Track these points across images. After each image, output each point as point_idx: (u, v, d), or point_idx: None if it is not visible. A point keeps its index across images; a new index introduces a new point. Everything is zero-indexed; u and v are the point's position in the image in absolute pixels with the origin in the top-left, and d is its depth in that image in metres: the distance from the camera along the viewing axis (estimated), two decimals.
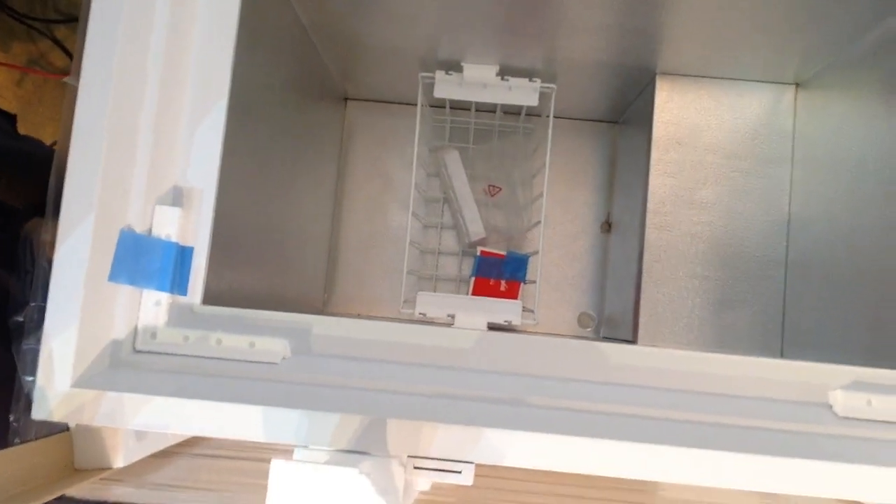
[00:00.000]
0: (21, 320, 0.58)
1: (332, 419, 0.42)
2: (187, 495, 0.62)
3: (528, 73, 0.79)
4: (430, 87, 0.80)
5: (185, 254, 0.47)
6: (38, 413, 0.43)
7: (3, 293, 0.62)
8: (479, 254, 0.90)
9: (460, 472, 0.43)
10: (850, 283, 0.65)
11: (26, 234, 0.64)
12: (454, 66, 0.79)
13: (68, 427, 0.56)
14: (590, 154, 0.96)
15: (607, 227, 0.94)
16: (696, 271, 0.79)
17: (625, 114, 0.93)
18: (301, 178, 0.77)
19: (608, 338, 0.89)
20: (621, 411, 0.44)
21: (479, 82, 0.79)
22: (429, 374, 0.45)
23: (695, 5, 0.63)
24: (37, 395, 0.43)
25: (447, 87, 0.80)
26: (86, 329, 0.43)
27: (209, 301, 0.48)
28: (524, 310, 0.74)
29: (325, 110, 0.88)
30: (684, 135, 0.81)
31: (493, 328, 0.73)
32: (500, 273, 0.89)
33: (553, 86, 0.79)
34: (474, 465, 0.43)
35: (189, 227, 0.48)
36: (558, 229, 0.95)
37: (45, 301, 0.43)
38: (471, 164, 0.92)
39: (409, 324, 0.48)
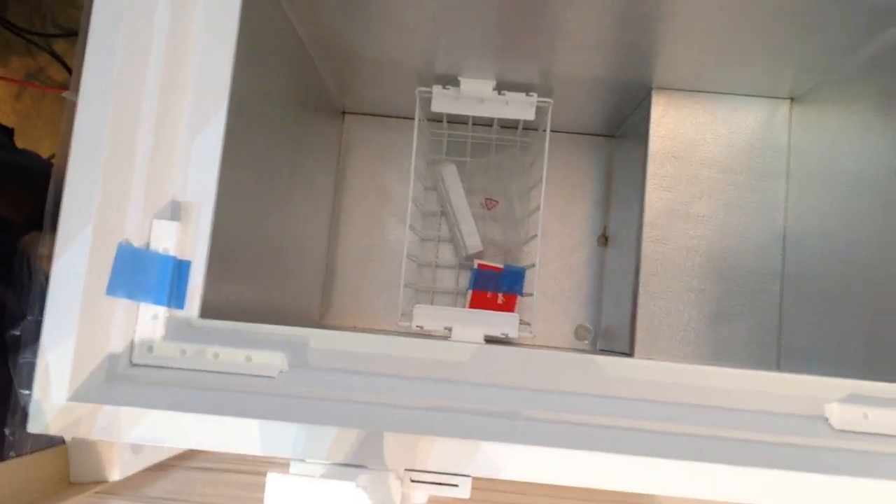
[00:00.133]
0: (18, 334, 0.58)
1: (328, 433, 0.42)
2: None
3: (525, 88, 0.79)
4: (427, 101, 0.81)
5: (182, 267, 0.47)
6: (34, 426, 0.43)
7: (0, 306, 0.62)
8: (476, 267, 0.90)
9: (457, 486, 0.43)
10: (845, 297, 0.65)
11: (23, 248, 0.64)
12: (451, 81, 0.80)
13: (64, 440, 0.56)
14: (586, 168, 0.96)
15: (604, 240, 0.94)
16: (692, 284, 0.79)
17: (621, 128, 0.93)
18: (298, 191, 0.78)
19: (605, 350, 0.89)
20: (618, 424, 0.44)
21: (476, 97, 0.80)
22: (426, 388, 0.45)
23: (690, 21, 0.64)
24: (33, 409, 0.43)
25: (444, 102, 0.80)
26: (82, 342, 0.43)
27: (206, 315, 0.48)
28: (521, 322, 0.74)
29: (323, 124, 0.89)
30: (680, 149, 0.81)
31: (491, 341, 0.72)
32: (497, 286, 0.90)
33: (550, 100, 0.80)
34: (471, 479, 0.43)
35: (187, 240, 0.48)
36: (555, 242, 0.95)
37: (41, 314, 0.43)
38: (468, 178, 0.93)
39: (407, 337, 0.48)
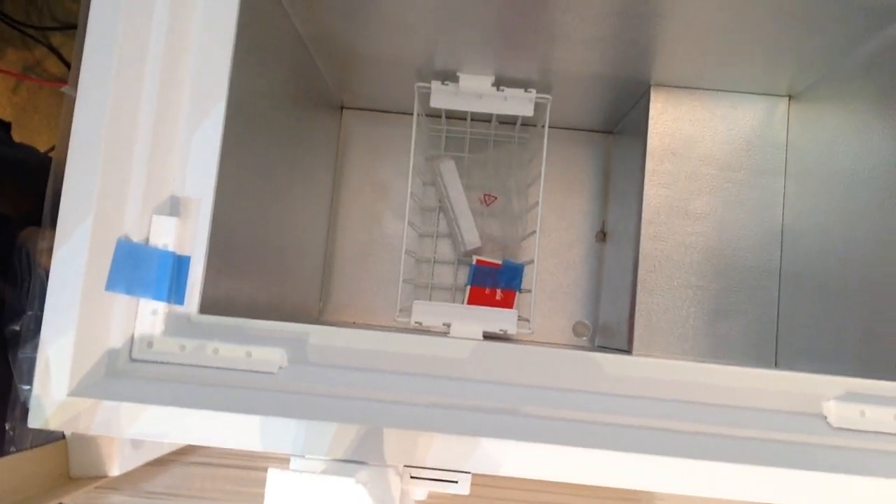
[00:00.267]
0: (17, 329, 0.58)
1: (328, 429, 0.43)
2: (182, 503, 0.62)
3: (524, 84, 0.79)
4: (426, 96, 0.81)
5: (181, 263, 0.47)
6: (34, 422, 0.43)
7: (0, 302, 0.62)
8: (474, 263, 0.90)
9: (457, 482, 0.43)
10: (843, 294, 0.66)
11: (22, 243, 0.64)
12: (450, 77, 0.80)
13: (64, 436, 0.56)
14: (585, 164, 0.96)
15: (602, 236, 0.94)
16: (690, 281, 0.79)
17: (619, 124, 0.94)
18: (297, 186, 0.78)
19: (603, 347, 0.89)
20: (617, 421, 0.44)
21: (474, 92, 0.80)
22: (426, 384, 0.45)
23: (689, 18, 0.64)
24: (33, 404, 0.43)
25: (443, 98, 0.80)
26: (82, 338, 0.44)
27: (206, 310, 0.48)
28: (520, 319, 0.75)
29: (322, 119, 0.89)
30: (678, 146, 0.81)
31: (489, 337, 0.73)
32: (495, 282, 0.90)
33: (548, 96, 0.80)
34: (471, 475, 0.43)
35: (186, 236, 0.48)
36: (553, 238, 0.95)
37: (41, 310, 0.43)
38: (466, 174, 0.93)
39: (406, 333, 0.48)
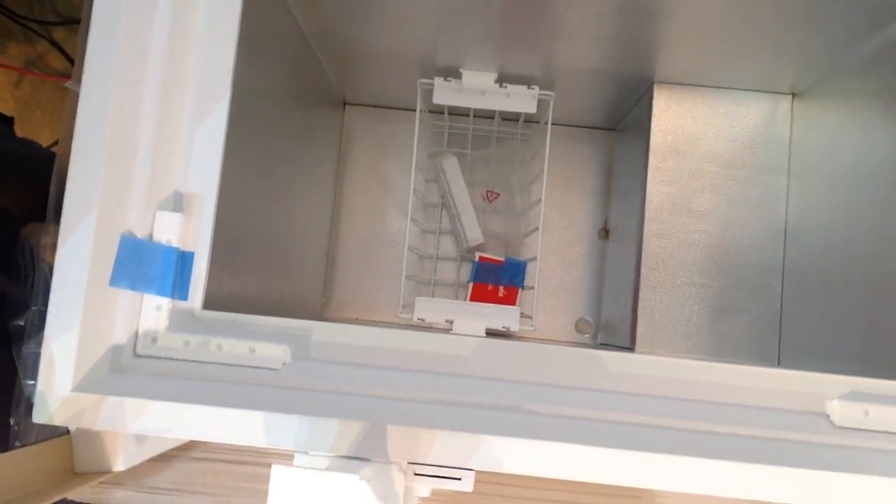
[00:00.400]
0: (22, 324, 0.58)
1: (332, 425, 0.43)
2: (186, 499, 0.63)
3: (527, 81, 0.79)
4: (428, 93, 0.81)
5: (185, 259, 0.47)
6: (38, 417, 0.43)
7: (3, 297, 0.62)
8: (477, 259, 0.90)
9: (460, 479, 0.43)
10: (846, 292, 0.66)
11: (25, 238, 0.64)
12: (453, 73, 0.80)
13: (68, 431, 0.56)
14: (587, 161, 0.96)
15: (605, 233, 0.94)
16: (693, 279, 0.79)
17: (622, 121, 0.93)
18: (300, 182, 0.78)
19: (606, 344, 0.89)
20: (619, 419, 0.44)
21: (477, 89, 0.79)
22: (429, 381, 0.46)
23: (692, 15, 0.63)
24: (37, 399, 0.43)
25: (446, 94, 0.80)
26: (87, 333, 0.44)
27: (209, 306, 0.48)
28: (522, 316, 0.75)
29: (324, 115, 0.89)
30: (681, 143, 0.81)
31: (492, 334, 0.73)
32: (498, 279, 0.90)
33: (551, 93, 0.80)
34: (474, 472, 0.43)
35: (190, 232, 0.48)
36: (556, 235, 0.95)
37: (45, 305, 0.43)
38: (469, 170, 0.93)
39: (409, 330, 0.48)
